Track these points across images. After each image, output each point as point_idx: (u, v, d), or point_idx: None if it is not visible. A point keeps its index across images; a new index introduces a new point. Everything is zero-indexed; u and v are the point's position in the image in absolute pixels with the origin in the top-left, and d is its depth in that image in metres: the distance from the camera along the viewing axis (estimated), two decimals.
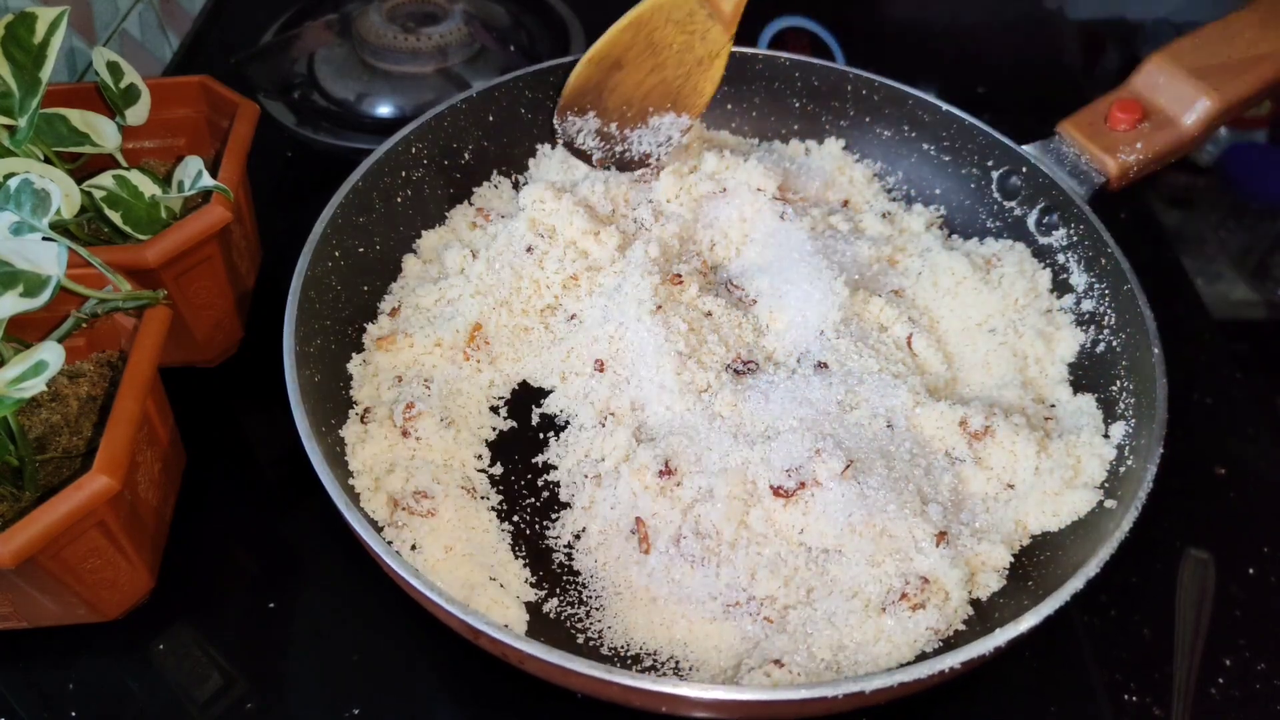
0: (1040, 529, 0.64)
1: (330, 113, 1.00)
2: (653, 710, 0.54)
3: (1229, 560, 0.69)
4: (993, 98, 1.07)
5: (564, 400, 0.71)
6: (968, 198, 0.85)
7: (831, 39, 1.10)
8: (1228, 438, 0.76)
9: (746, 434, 0.65)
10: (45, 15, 0.66)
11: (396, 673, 0.62)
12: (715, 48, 0.75)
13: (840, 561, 0.60)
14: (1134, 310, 0.69)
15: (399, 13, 1.05)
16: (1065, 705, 0.61)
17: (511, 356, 0.73)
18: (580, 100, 0.79)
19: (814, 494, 0.61)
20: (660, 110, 0.79)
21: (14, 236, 0.55)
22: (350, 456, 0.65)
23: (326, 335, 0.70)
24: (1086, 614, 0.65)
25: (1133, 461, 0.63)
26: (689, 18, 0.74)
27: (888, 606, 0.58)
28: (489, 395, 0.72)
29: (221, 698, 0.61)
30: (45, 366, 0.51)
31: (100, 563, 0.58)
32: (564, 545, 0.65)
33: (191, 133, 0.81)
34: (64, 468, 0.60)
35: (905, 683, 0.50)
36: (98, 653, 0.63)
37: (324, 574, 0.67)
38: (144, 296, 0.63)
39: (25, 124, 0.65)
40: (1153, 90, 0.75)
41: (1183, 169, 1.08)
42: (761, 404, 0.66)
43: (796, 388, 0.67)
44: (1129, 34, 1.23)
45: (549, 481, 0.68)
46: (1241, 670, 0.63)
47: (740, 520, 0.61)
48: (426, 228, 0.82)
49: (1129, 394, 0.67)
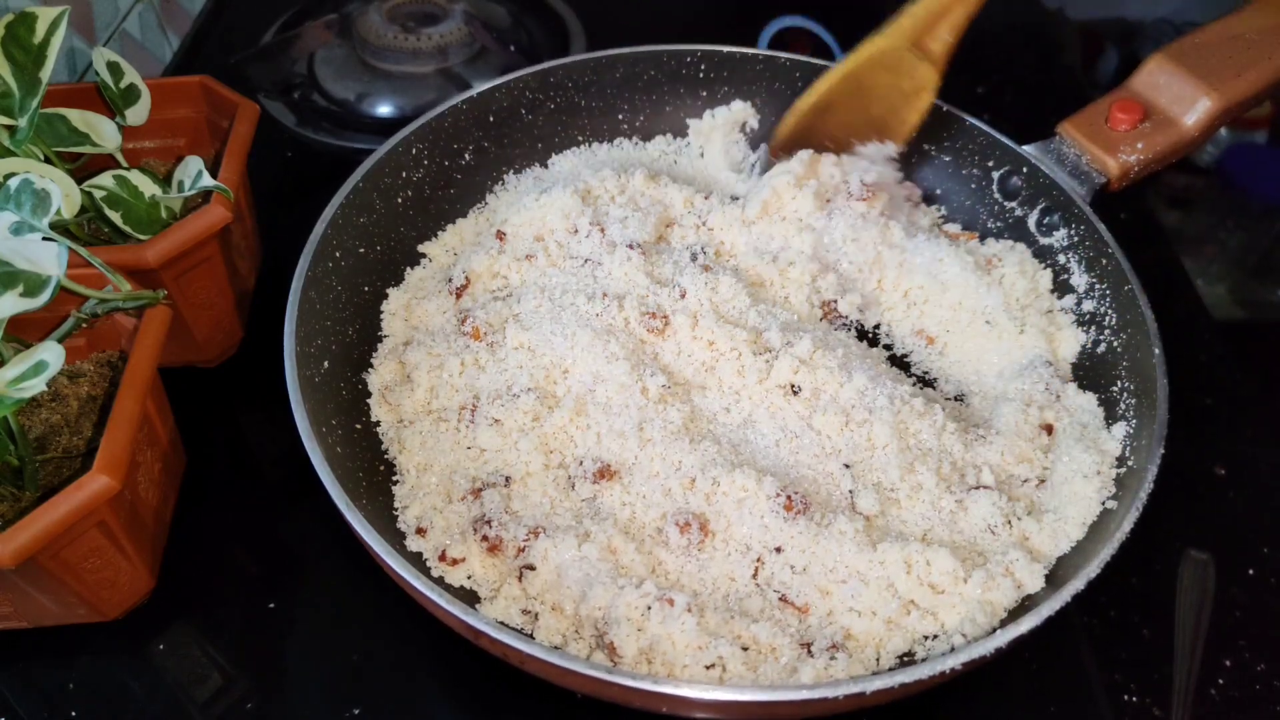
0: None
1: (330, 113, 1.00)
2: (653, 710, 0.54)
3: (1229, 561, 0.69)
4: (993, 98, 1.07)
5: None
6: (968, 198, 0.85)
7: (831, 39, 1.10)
8: (1228, 438, 0.76)
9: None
10: (45, 15, 0.66)
11: (396, 673, 0.62)
12: (923, 83, 0.77)
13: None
14: (1135, 311, 0.69)
15: (399, 13, 1.05)
16: (1065, 705, 0.61)
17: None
18: (791, 146, 0.82)
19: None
20: (865, 140, 0.81)
21: (14, 236, 0.55)
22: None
23: (326, 335, 0.70)
24: (1086, 614, 0.65)
25: (1133, 462, 0.63)
26: (899, 62, 0.76)
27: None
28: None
29: (221, 698, 0.61)
30: (45, 366, 0.51)
31: (100, 563, 0.58)
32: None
33: (191, 133, 0.81)
34: (64, 468, 0.60)
35: (905, 683, 0.50)
36: (98, 653, 0.63)
37: (324, 574, 0.67)
38: (144, 296, 0.63)
39: (25, 124, 0.65)
40: (1153, 90, 0.75)
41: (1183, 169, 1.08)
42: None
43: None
44: (1129, 34, 1.23)
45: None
46: (1241, 671, 0.63)
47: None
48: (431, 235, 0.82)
49: (1129, 394, 0.67)
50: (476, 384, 0.70)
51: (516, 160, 0.88)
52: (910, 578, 0.60)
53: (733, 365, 0.69)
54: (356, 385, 0.72)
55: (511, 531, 0.62)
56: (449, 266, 0.80)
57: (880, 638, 0.59)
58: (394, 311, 0.77)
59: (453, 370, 0.70)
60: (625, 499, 0.64)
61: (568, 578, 0.60)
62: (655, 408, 0.67)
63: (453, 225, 0.84)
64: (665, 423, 0.66)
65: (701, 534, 0.61)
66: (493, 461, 0.66)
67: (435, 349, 0.71)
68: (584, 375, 0.68)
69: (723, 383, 0.70)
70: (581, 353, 0.68)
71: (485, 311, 0.73)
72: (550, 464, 0.66)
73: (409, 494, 0.66)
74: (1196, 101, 0.73)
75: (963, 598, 0.59)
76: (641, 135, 0.92)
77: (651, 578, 0.60)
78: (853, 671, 0.57)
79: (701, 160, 0.90)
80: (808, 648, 0.57)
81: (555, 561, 0.60)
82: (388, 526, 0.63)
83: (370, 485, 0.65)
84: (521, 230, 0.79)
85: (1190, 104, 0.73)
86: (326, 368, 0.68)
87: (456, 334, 0.73)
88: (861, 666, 0.58)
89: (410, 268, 0.80)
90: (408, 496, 0.66)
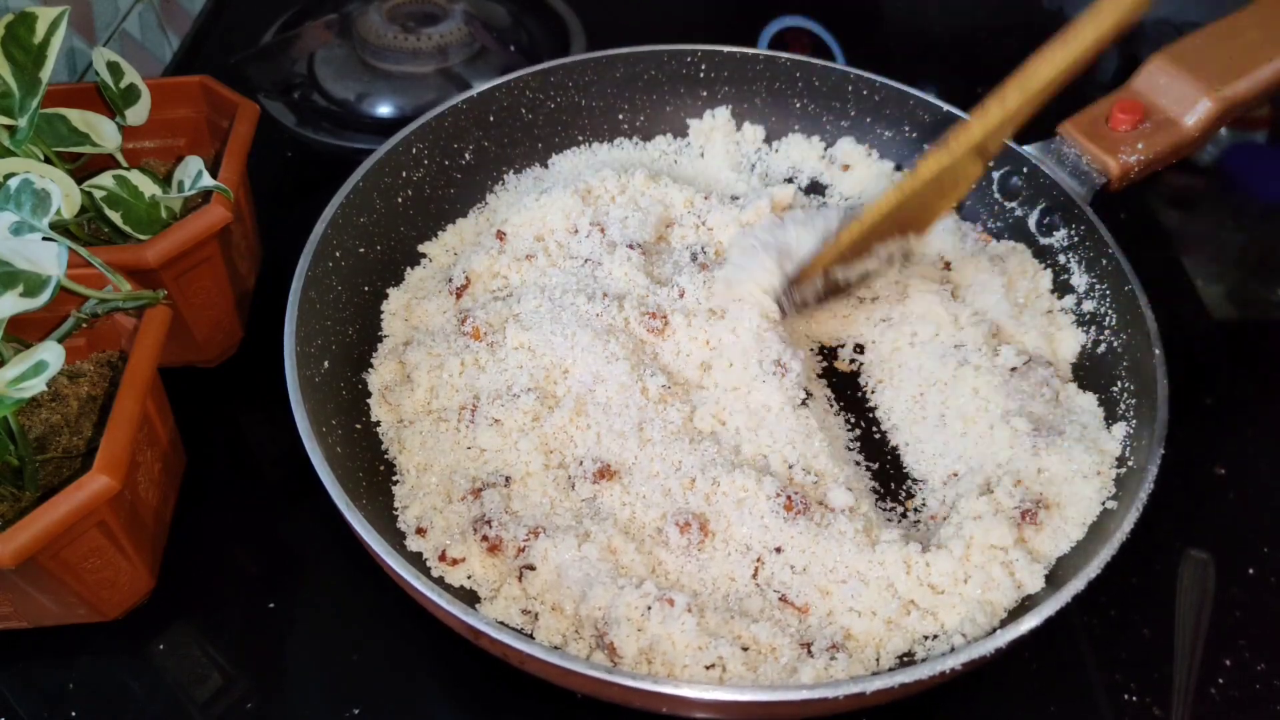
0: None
1: (330, 113, 1.00)
2: (653, 710, 0.54)
3: (1229, 560, 0.68)
4: None
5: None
6: (969, 198, 0.85)
7: (832, 39, 1.10)
8: (1228, 438, 0.76)
9: None
10: (45, 15, 0.66)
11: (396, 673, 0.62)
12: (969, 177, 0.67)
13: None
14: (1135, 311, 0.69)
15: (399, 13, 1.05)
16: (1065, 705, 0.61)
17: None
18: (814, 271, 0.70)
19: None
20: (888, 239, 0.70)
21: (14, 236, 0.55)
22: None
23: (326, 335, 0.70)
24: (1086, 614, 0.65)
25: (1133, 462, 0.63)
26: (955, 168, 0.64)
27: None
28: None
29: (221, 698, 0.61)
30: (45, 366, 0.51)
31: (100, 563, 0.58)
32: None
33: (191, 133, 0.81)
34: (64, 468, 0.60)
35: (906, 683, 0.50)
36: (98, 653, 0.63)
37: (324, 574, 0.67)
38: (144, 296, 0.63)
39: (25, 124, 0.65)
40: (1154, 91, 0.75)
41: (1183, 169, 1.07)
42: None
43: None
44: (1129, 34, 1.23)
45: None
46: (1241, 670, 0.63)
47: None
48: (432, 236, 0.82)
49: (1130, 394, 0.67)
50: (476, 384, 0.70)
51: (516, 160, 0.88)
52: (910, 578, 0.60)
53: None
54: (356, 385, 0.72)
55: (511, 531, 0.62)
56: (449, 266, 0.80)
57: (880, 638, 0.59)
58: (394, 311, 0.77)
59: (453, 370, 0.70)
60: (625, 499, 0.64)
61: (568, 578, 0.60)
62: (655, 408, 0.67)
63: (453, 225, 0.84)
64: (665, 423, 0.67)
65: (701, 534, 0.61)
66: (493, 461, 0.66)
67: (435, 349, 0.71)
68: (584, 375, 0.68)
69: (720, 383, 0.70)
70: (581, 353, 0.68)
71: (485, 311, 0.73)
72: (550, 464, 0.66)
73: (409, 494, 0.66)
74: (1197, 102, 0.73)
75: (963, 598, 0.60)
76: (641, 135, 0.92)
77: (651, 578, 0.60)
78: (853, 671, 0.57)
79: (701, 160, 0.90)
80: (808, 648, 0.57)
81: (555, 561, 0.60)
82: (388, 526, 0.64)
83: (370, 485, 0.65)
84: (521, 230, 0.79)
85: (1190, 104, 0.73)
86: (326, 368, 0.68)
87: (456, 334, 0.73)
88: (861, 666, 0.58)
89: (410, 268, 0.80)
90: (408, 496, 0.66)
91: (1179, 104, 0.74)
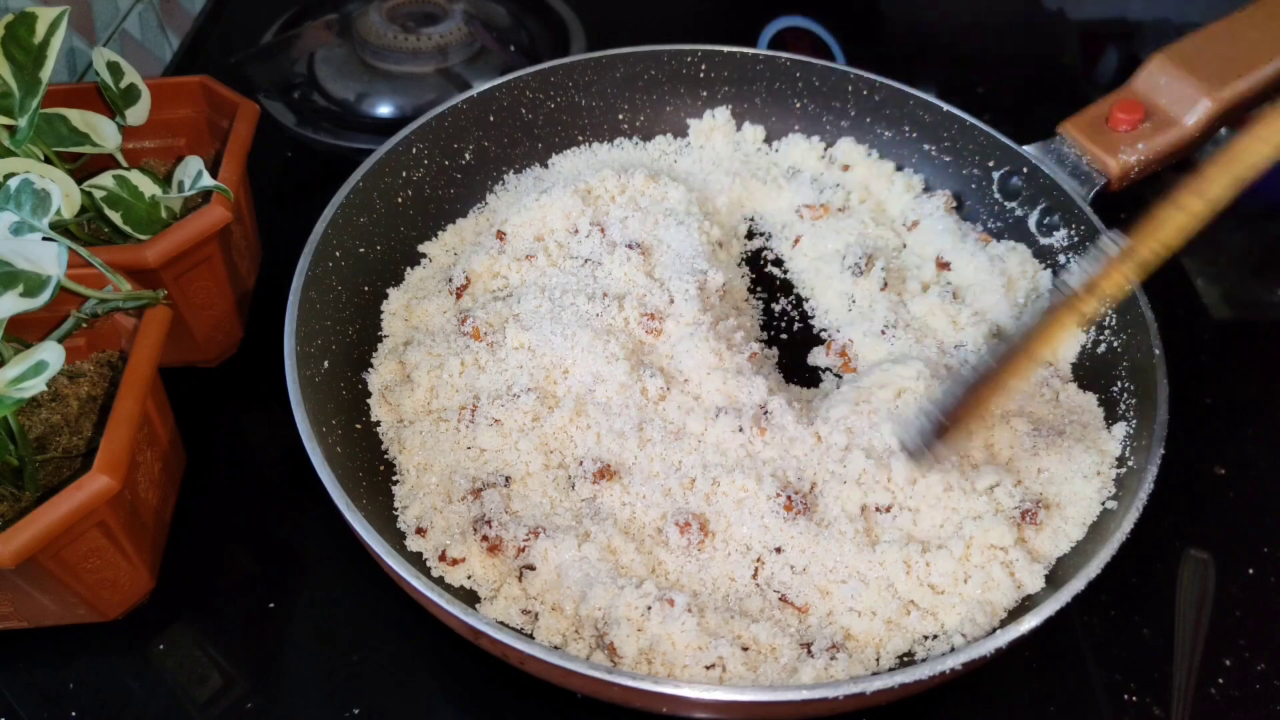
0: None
1: (330, 113, 1.00)
2: (653, 710, 0.54)
3: (1229, 560, 0.69)
4: (993, 98, 1.07)
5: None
6: (968, 198, 0.85)
7: (832, 39, 1.11)
8: (1228, 438, 0.76)
9: None
10: (45, 15, 0.66)
11: (396, 673, 0.62)
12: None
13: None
14: (1135, 311, 0.69)
15: (399, 13, 1.05)
16: (1065, 705, 0.61)
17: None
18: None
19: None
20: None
21: (14, 236, 0.55)
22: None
23: (326, 335, 0.70)
24: (1086, 614, 0.65)
25: (1133, 462, 0.63)
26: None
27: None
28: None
29: (221, 698, 0.61)
30: (45, 366, 0.51)
31: (100, 563, 0.58)
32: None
33: (191, 133, 0.81)
34: (64, 468, 0.60)
35: (906, 683, 0.50)
36: (98, 653, 0.63)
37: (324, 574, 0.67)
38: (144, 296, 0.63)
39: (25, 124, 0.65)
40: (1154, 90, 0.75)
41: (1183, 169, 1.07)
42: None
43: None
44: (1129, 34, 1.23)
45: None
46: (1241, 670, 0.63)
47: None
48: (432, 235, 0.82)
49: (1130, 394, 0.67)
50: (476, 384, 0.70)
51: (516, 160, 0.88)
52: (910, 578, 0.60)
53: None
54: (356, 385, 0.72)
55: (511, 531, 0.62)
56: (449, 266, 0.80)
57: (880, 638, 0.59)
58: (394, 311, 0.77)
59: (453, 370, 0.70)
60: (625, 499, 0.64)
61: (568, 578, 0.60)
62: (655, 408, 0.67)
63: (453, 225, 0.84)
64: (665, 423, 0.66)
65: (701, 534, 0.61)
66: (493, 461, 0.66)
67: (435, 349, 0.71)
68: (584, 375, 0.68)
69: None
70: (581, 353, 0.68)
71: (485, 311, 0.73)
72: (550, 464, 0.66)
73: (409, 494, 0.66)
74: (1197, 102, 0.73)
75: (963, 598, 0.60)
76: (641, 135, 0.92)
77: (651, 578, 0.60)
78: (853, 671, 0.57)
79: (702, 160, 0.90)
80: (808, 648, 0.57)
81: (555, 561, 0.60)
82: (388, 526, 0.64)
83: (370, 485, 0.65)
84: (521, 230, 0.79)
85: (1190, 104, 0.73)
86: (326, 368, 0.68)
87: (456, 334, 0.73)
88: (861, 667, 0.58)
89: (410, 268, 0.80)
90: (408, 496, 0.66)
91: (1179, 104, 0.74)
